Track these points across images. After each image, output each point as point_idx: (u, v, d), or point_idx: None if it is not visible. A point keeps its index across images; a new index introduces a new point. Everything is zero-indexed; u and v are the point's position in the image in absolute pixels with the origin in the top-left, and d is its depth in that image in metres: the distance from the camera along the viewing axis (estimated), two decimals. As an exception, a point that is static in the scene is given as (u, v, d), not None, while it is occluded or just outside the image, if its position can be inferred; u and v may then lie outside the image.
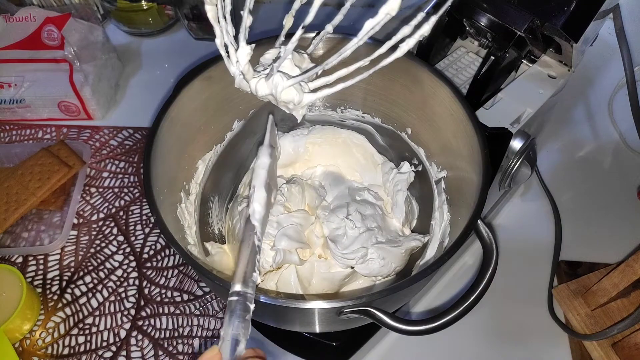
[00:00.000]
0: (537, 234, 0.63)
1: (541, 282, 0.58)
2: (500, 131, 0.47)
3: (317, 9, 0.29)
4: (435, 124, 0.47)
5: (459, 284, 0.58)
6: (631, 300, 0.52)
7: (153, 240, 0.61)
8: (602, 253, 0.59)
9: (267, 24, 0.77)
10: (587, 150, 0.72)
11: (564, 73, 0.53)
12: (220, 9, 0.32)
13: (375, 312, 0.34)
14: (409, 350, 0.54)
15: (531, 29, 0.48)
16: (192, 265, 0.36)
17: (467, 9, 0.51)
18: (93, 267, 0.59)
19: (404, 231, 0.53)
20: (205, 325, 0.54)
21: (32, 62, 0.71)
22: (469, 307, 0.35)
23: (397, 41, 0.28)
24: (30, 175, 0.62)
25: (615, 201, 0.66)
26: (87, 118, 0.74)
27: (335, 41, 0.46)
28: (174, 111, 0.43)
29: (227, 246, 0.52)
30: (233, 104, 0.49)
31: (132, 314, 0.55)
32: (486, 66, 0.52)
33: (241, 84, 0.34)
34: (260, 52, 0.36)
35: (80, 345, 0.53)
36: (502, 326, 0.55)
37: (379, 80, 0.49)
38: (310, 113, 0.55)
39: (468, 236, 0.36)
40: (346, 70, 0.30)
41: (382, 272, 0.48)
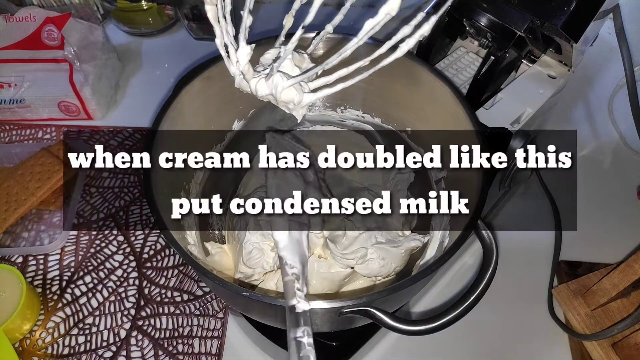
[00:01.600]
0: (537, 234, 0.63)
1: (541, 282, 0.58)
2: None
3: (317, 9, 0.29)
4: (435, 124, 0.47)
5: (459, 284, 0.58)
6: (631, 300, 0.52)
7: (153, 240, 0.61)
8: (602, 253, 0.59)
9: (267, 24, 0.77)
10: (587, 150, 0.72)
11: (564, 73, 0.53)
12: (220, 9, 0.32)
13: (375, 312, 0.34)
14: (409, 350, 0.54)
15: (531, 29, 0.48)
16: (192, 265, 0.36)
17: (467, 9, 0.51)
18: (93, 267, 0.59)
19: (404, 231, 0.53)
20: (205, 325, 0.54)
21: (32, 62, 0.71)
22: (469, 307, 0.35)
23: (397, 41, 0.28)
24: (30, 175, 0.62)
25: (615, 201, 0.66)
26: (87, 118, 0.74)
27: (335, 41, 0.46)
28: (174, 111, 0.43)
29: (227, 246, 0.52)
30: (233, 104, 0.49)
31: (132, 314, 0.55)
32: (486, 66, 0.52)
33: (241, 84, 0.34)
34: (260, 52, 0.36)
35: (80, 345, 0.53)
36: (502, 326, 0.55)
37: (379, 80, 0.49)
38: (310, 113, 0.55)
39: (468, 236, 0.36)
40: (346, 70, 0.30)
41: (382, 272, 0.48)
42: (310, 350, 0.30)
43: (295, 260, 0.39)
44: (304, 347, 0.30)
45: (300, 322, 0.32)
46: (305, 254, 0.41)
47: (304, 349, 0.30)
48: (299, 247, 0.41)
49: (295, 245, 0.41)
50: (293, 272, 0.38)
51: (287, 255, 0.40)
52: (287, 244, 0.41)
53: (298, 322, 0.32)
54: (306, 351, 0.30)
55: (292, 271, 0.38)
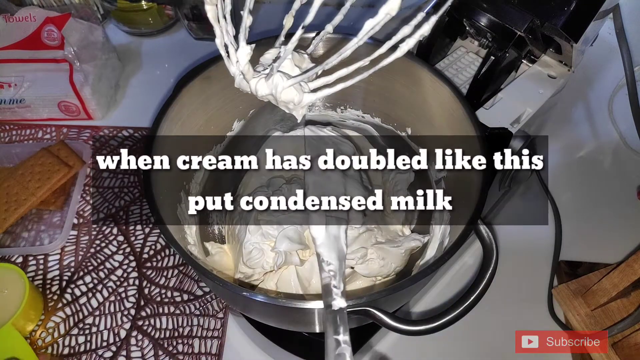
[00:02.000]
0: (537, 234, 0.63)
1: (541, 282, 0.58)
2: (500, 131, 0.47)
3: (317, 9, 0.29)
4: (435, 124, 0.47)
5: (459, 284, 0.58)
6: (631, 300, 0.52)
7: (153, 240, 0.61)
8: (602, 253, 0.59)
9: (267, 24, 0.77)
10: (587, 150, 0.72)
11: (564, 73, 0.53)
12: (220, 9, 0.32)
13: (375, 312, 0.34)
14: (409, 350, 0.54)
15: (531, 29, 0.48)
16: (192, 265, 0.36)
17: (467, 9, 0.51)
18: (93, 267, 0.59)
19: (404, 231, 0.53)
20: (205, 325, 0.54)
21: (32, 62, 0.71)
22: (469, 307, 0.35)
23: (397, 41, 0.28)
24: (30, 175, 0.62)
25: (615, 201, 0.66)
26: (87, 118, 0.74)
27: (335, 41, 0.46)
28: (174, 111, 0.43)
29: (227, 246, 0.52)
30: (233, 104, 0.49)
31: (132, 314, 0.55)
32: (486, 66, 0.52)
33: (241, 84, 0.34)
34: (260, 52, 0.36)
35: (80, 345, 0.53)
36: (502, 326, 0.55)
37: (379, 80, 0.49)
38: (310, 113, 0.55)
39: (468, 236, 0.36)
40: (346, 70, 0.30)
41: (382, 272, 0.48)
42: (346, 348, 0.31)
43: (332, 257, 0.40)
44: (339, 344, 0.31)
45: (336, 320, 0.32)
46: (343, 250, 0.41)
47: (340, 346, 0.31)
48: (337, 243, 0.42)
49: (333, 241, 0.41)
50: (330, 269, 0.38)
51: (324, 252, 0.40)
52: (324, 240, 0.41)
53: (334, 319, 0.32)
54: (342, 349, 0.31)
55: (329, 268, 0.38)
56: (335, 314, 0.33)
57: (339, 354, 0.30)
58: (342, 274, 0.38)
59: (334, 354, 0.30)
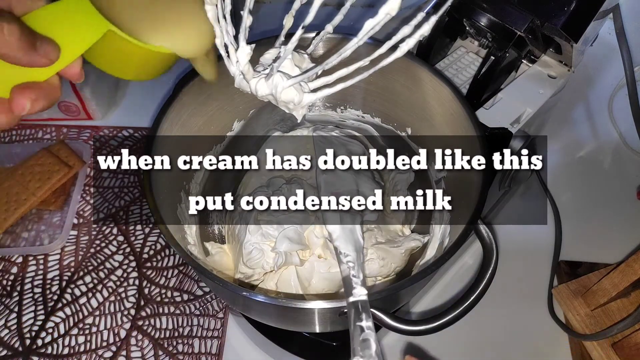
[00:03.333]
0: (537, 234, 0.63)
1: (541, 282, 0.58)
2: (500, 131, 0.47)
3: (317, 9, 0.29)
4: (435, 124, 0.47)
5: (459, 284, 0.58)
6: (631, 300, 0.52)
7: (153, 240, 0.61)
8: (602, 253, 0.59)
9: (267, 24, 0.77)
10: (587, 150, 0.72)
11: (564, 73, 0.53)
12: (220, 9, 0.32)
13: (376, 312, 0.34)
14: (409, 350, 0.54)
15: (531, 29, 0.48)
16: (192, 265, 0.36)
17: (467, 9, 0.51)
18: (93, 267, 0.59)
19: (404, 231, 0.53)
20: (205, 325, 0.54)
21: (32, 62, 0.71)
22: (469, 307, 0.35)
23: (397, 41, 0.28)
24: (30, 175, 0.62)
25: (615, 201, 0.66)
26: (87, 118, 0.74)
27: (335, 41, 0.46)
28: (174, 111, 0.43)
29: (227, 246, 0.52)
30: (233, 104, 0.49)
31: (132, 314, 0.55)
32: (486, 66, 0.52)
33: (241, 84, 0.34)
34: (260, 52, 0.36)
35: (80, 345, 0.53)
36: (502, 326, 0.55)
37: (379, 80, 0.49)
38: (310, 113, 0.55)
39: (468, 236, 0.36)
40: (346, 70, 0.30)
41: (382, 272, 0.48)
42: (370, 334, 0.31)
43: (349, 249, 0.41)
44: (363, 330, 0.32)
45: (358, 308, 0.33)
46: (359, 241, 0.43)
47: (364, 332, 0.32)
48: (352, 235, 0.43)
49: (349, 233, 0.43)
50: (347, 260, 0.39)
51: (340, 245, 0.41)
52: (340, 234, 0.42)
53: (357, 307, 0.33)
54: (366, 334, 0.31)
55: (347, 259, 0.39)
56: (357, 302, 0.33)
57: (364, 340, 0.31)
58: (361, 264, 0.39)
59: (359, 340, 0.31)
